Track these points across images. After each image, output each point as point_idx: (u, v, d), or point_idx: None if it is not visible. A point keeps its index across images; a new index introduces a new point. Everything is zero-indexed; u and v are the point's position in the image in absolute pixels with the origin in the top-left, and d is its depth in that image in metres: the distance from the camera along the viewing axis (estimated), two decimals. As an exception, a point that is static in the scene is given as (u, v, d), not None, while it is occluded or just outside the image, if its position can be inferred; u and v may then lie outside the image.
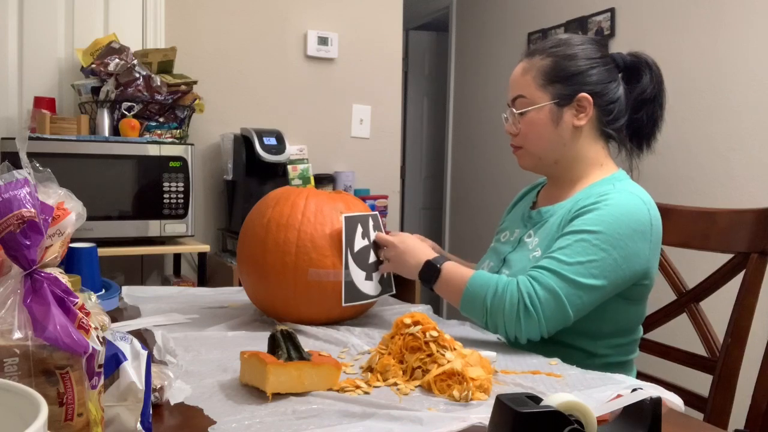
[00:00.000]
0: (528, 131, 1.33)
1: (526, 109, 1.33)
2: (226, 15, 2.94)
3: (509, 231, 1.44)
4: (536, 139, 1.33)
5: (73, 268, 1.33)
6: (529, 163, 1.38)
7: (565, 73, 1.30)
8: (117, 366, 0.69)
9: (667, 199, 1.41)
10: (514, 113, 1.35)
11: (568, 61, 1.31)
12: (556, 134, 1.32)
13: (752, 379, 1.28)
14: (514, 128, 1.36)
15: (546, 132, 1.32)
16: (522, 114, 1.33)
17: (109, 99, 2.45)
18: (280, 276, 1.25)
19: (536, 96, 1.32)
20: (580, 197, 1.29)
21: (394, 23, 3.30)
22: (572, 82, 1.30)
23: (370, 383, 0.94)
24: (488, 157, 4.28)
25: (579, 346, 1.26)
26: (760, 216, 1.32)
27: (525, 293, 1.17)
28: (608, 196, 1.24)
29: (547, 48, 1.34)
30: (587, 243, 1.19)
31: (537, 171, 1.39)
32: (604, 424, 0.71)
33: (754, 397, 1.27)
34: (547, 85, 1.31)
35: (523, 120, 1.33)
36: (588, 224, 1.21)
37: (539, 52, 1.34)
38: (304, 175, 2.88)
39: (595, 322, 1.25)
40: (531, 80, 1.32)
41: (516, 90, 1.35)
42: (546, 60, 1.32)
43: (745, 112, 2.71)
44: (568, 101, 1.31)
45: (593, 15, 3.43)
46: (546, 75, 1.31)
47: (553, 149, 1.33)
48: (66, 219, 0.65)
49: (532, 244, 1.32)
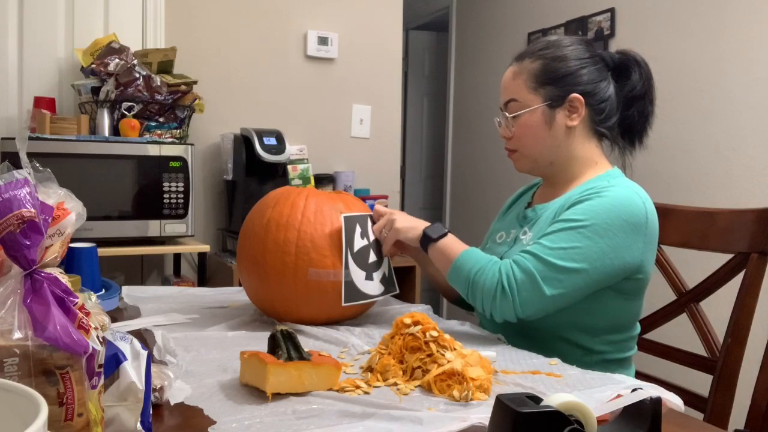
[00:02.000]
0: (522, 134, 1.34)
1: (518, 113, 1.34)
2: (226, 15, 2.95)
3: (505, 232, 1.44)
4: (531, 141, 1.34)
5: (73, 268, 1.33)
6: (525, 166, 1.39)
7: (555, 75, 1.31)
8: (117, 366, 0.69)
9: (667, 199, 1.41)
10: (507, 117, 1.35)
11: (558, 63, 1.32)
12: (550, 135, 1.33)
13: (752, 379, 1.28)
14: (508, 132, 1.36)
15: (540, 134, 1.33)
16: (515, 117, 1.34)
17: (109, 99, 2.45)
18: (280, 276, 1.25)
19: (528, 99, 1.33)
20: (575, 193, 1.30)
21: (394, 23, 3.30)
22: (563, 83, 1.31)
23: (370, 383, 0.94)
24: (488, 157, 4.28)
25: (577, 342, 1.27)
26: (760, 216, 1.32)
27: (504, 274, 1.20)
28: (605, 188, 1.25)
29: (536, 51, 1.34)
30: (573, 231, 1.21)
31: (533, 173, 1.40)
32: (604, 424, 0.71)
33: (754, 397, 1.27)
34: (538, 88, 1.32)
35: (516, 123, 1.34)
36: (578, 214, 1.23)
37: (529, 55, 1.35)
38: (304, 175, 2.88)
39: (591, 317, 1.26)
40: (522, 83, 1.33)
41: (508, 94, 1.36)
42: (536, 63, 1.33)
43: (745, 113, 2.71)
44: (560, 102, 1.32)
45: (593, 15, 3.43)
46: (537, 77, 1.32)
47: (548, 151, 1.34)
48: (66, 219, 0.65)
49: (526, 240, 1.34)
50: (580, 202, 1.25)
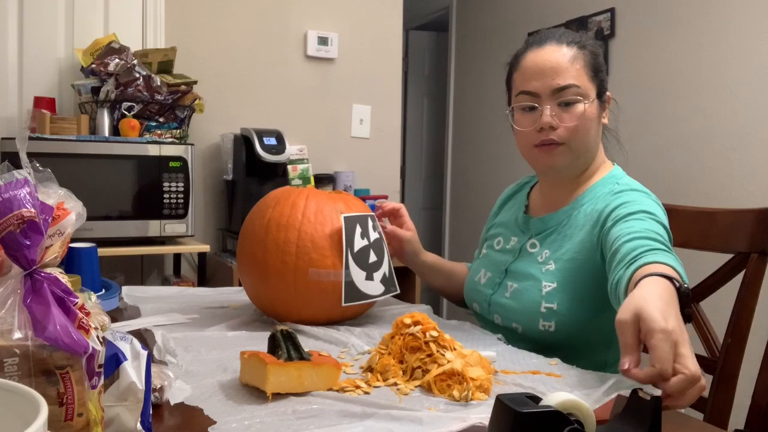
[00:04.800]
0: (580, 126, 1.24)
1: (580, 101, 1.23)
2: (226, 15, 2.95)
3: (503, 237, 1.40)
4: (584, 134, 1.25)
5: (73, 268, 1.33)
6: (566, 161, 1.27)
7: (601, 68, 1.29)
8: (117, 366, 0.69)
9: (667, 199, 1.41)
10: (561, 104, 1.24)
11: (600, 58, 1.29)
12: (597, 131, 1.29)
13: (752, 379, 1.28)
14: (557, 121, 1.24)
15: (594, 128, 1.27)
16: (570, 105, 1.24)
17: (109, 99, 2.45)
18: (280, 276, 1.25)
19: (588, 88, 1.25)
20: (590, 198, 1.28)
21: (394, 23, 3.30)
22: (604, 78, 1.30)
23: (370, 383, 0.94)
24: (488, 157, 4.28)
25: (592, 358, 1.21)
26: (760, 216, 1.32)
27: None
28: (621, 184, 1.24)
29: (580, 40, 1.28)
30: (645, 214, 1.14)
31: (567, 170, 1.30)
32: (604, 424, 0.71)
33: (754, 397, 1.27)
34: (594, 78, 1.26)
35: (573, 112, 1.23)
36: (628, 208, 1.16)
37: (576, 43, 1.26)
38: (304, 175, 2.88)
39: (608, 331, 1.17)
40: (582, 70, 1.25)
41: (567, 78, 1.23)
42: (585, 52, 1.27)
43: (745, 112, 2.71)
44: (602, 97, 1.30)
45: (593, 15, 3.43)
46: (592, 67, 1.27)
47: (593, 146, 1.29)
48: (66, 219, 0.65)
49: (541, 256, 1.28)
50: (616, 207, 1.19)
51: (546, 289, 1.23)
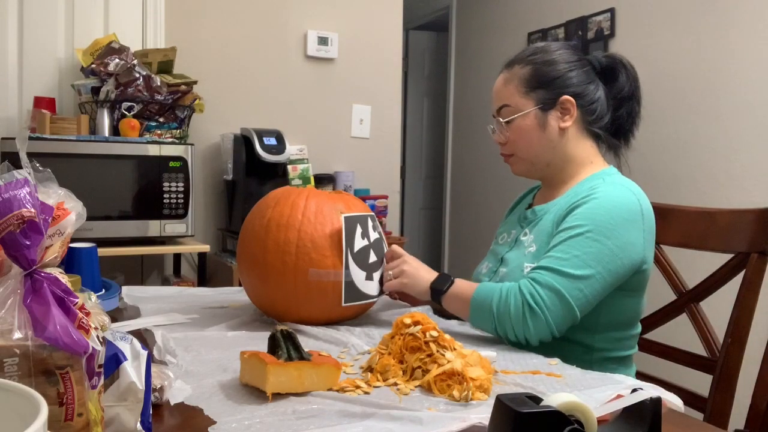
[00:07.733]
0: (517, 138, 1.37)
1: (512, 117, 1.36)
2: (226, 15, 2.95)
3: (507, 233, 1.46)
4: (526, 144, 1.36)
5: (73, 268, 1.33)
6: (522, 169, 1.41)
7: (546, 79, 1.35)
8: (117, 366, 0.69)
9: (667, 199, 1.41)
10: (501, 123, 1.38)
11: (548, 67, 1.35)
12: (545, 138, 1.35)
13: (752, 379, 1.28)
14: (502, 137, 1.39)
15: (534, 137, 1.35)
16: (508, 122, 1.37)
17: (109, 99, 2.45)
18: (280, 276, 1.25)
19: (520, 103, 1.36)
20: (572, 194, 1.32)
21: (394, 23, 3.30)
22: (554, 86, 1.34)
23: (370, 383, 0.94)
24: (488, 157, 4.28)
25: (577, 340, 1.28)
26: (760, 216, 1.32)
27: (527, 294, 1.19)
28: (597, 189, 1.27)
29: (525, 57, 1.38)
30: (581, 237, 1.22)
31: (530, 176, 1.42)
32: (604, 424, 0.71)
33: (754, 397, 1.27)
34: (530, 92, 1.35)
35: (510, 128, 1.37)
36: (579, 219, 1.24)
37: (518, 62, 1.38)
38: (304, 175, 2.88)
39: (593, 314, 1.26)
40: (514, 89, 1.37)
41: (500, 100, 1.39)
42: (526, 68, 1.36)
43: (745, 113, 2.71)
44: (551, 105, 1.34)
45: (593, 15, 3.43)
46: (528, 82, 1.35)
47: (544, 152, 1.37)
48: (66, 219, 0.65)
49: (527, 241, 1.35)
50: (577, 207, 1.26)
51: (527, 270, 1.29)
